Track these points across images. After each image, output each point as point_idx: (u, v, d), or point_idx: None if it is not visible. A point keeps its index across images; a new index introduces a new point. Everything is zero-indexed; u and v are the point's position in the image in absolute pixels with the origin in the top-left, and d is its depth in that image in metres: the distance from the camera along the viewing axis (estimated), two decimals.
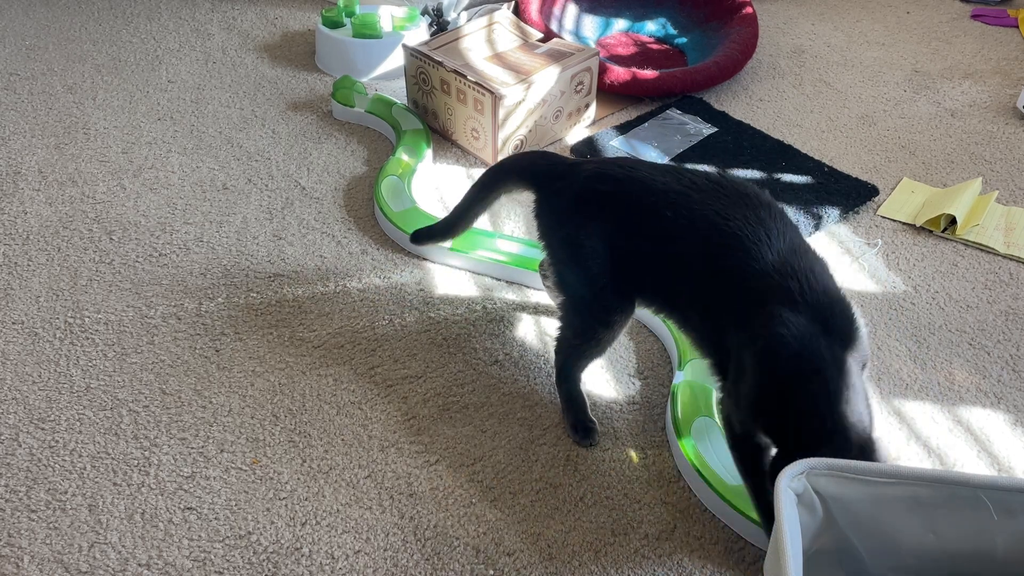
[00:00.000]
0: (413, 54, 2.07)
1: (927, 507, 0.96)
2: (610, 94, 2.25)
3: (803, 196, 1.91)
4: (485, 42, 2.13)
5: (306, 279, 1.67)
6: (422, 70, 2.06)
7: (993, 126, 2.24)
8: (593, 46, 2.47)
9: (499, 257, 1.68)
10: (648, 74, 2.23)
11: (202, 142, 2.08)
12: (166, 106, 2.22)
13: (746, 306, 1.13)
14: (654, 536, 1.24)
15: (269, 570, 1.18)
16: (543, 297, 1.64)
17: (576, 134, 2.15)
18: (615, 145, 2.07)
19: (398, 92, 2.27)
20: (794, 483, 0.95)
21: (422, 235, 1.63)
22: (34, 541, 1.20)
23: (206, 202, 1.87)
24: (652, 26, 2.65)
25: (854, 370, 1.08)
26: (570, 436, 1.37)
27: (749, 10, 2.48)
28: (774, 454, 1.12)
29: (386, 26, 2.36)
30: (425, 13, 2.50)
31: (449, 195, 1.92)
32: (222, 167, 1.99)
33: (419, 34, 2.38)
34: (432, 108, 2.10)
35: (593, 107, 2.17)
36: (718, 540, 1.23)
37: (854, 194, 1.93)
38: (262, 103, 2.24)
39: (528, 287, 1.67)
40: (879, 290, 1.70)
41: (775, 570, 0.87)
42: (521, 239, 1.75)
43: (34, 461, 1.31)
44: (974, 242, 1.81)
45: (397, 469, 1.32)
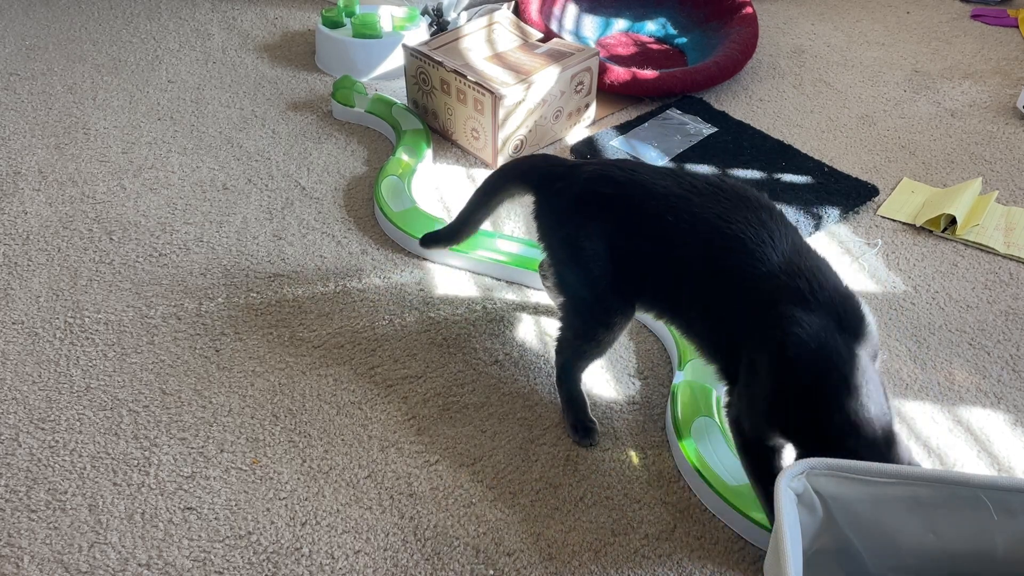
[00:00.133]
0: (413, 54, 2.07)
1: (927, 507, 0.96)
2: (610, 94, 2.25)
3: (803, 196, 1.91)
4: (485, 42, 2.13)
5: (306, 279, 1.67)
6: (422, 70, 2.06)
7: (993, 126, 2.24)
8: (593, 46, 2.47)
9: (499, 257, 1.68)
10: (648, 74, 2.23)
11: (202, 142, 2.08)
12: (166, 106, 2.22)
13: (755, 309, 1.13)
14: (654, 536, 1.24)
15: (269, 570, 1.18)
16: (543, 297, 1.64)
17: (576, 134, 2.15)
18: (615, 145, 2.07)
19: (398, 92, 2.27)
20: (794, 483, 0.95)
21: (429, 239, 1.64)
22: (34, 541, 1.20)
23: (206, 202, 1.87)
24: (652, 26, 2.65)
25: (870, 364, 1.09)
26: (570, 436, 1.37)
27: (749, 10, 2.48)
28: (796, 455, 1.12)
29: (386, 26, 2.36)
30: (425, 13, 2.50)
31: (449, 195, 1.92)
32: (222, 167, 1.99)
33: (419, 34, 2.38)
34: (432, 108, 2.10)
35: (593, 107, 2.17)
36: (718, 540, 1.23)
37: (854, 194, 1.93)
38: (262, 103, 2.24)
39: (528, 287, 1.67)
40: (879, 290, 1.70)
41: (775, 570, 0.88)
42: (521, 239, 1.75)
43: (34, 461, 1.31)
44: (974, 242, 1.81)
45: (397, 469, 1.32)
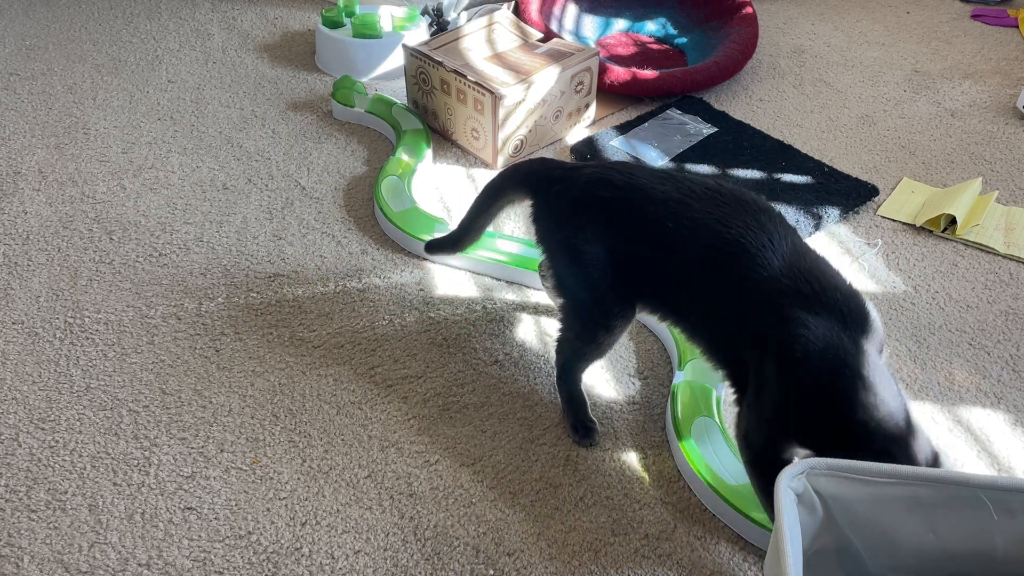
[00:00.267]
0: (413, 54, 2.07)
1: (927, 507, 0.96)
2: (610, 94, 2.25)
3: (803, 196, 1.91)
4: (485, 42, 2.13)
5: (306, 279, 1.67)
6: (422, 70, 2.07)
7: (993, 126, 2.24)
8: (593, 46, 2.47)
9: (499, 257, 1.68)
10: (648, 74, 2.23)
11: (202, 142, 2.08)
12: (166, 106, 2.22)
13: (758, 314, 1.13)
14: (654, 536, 1.24)
15: (269, 570, 1.18)
16: (543, 297, 1.64)
17: (576, 134, 2.15)
18: (615, 145, 2.07)
19: (398, 92, 2.27)
20: (794, 483, 0.95)
21: (434, 246, 1.64)
22: (34, 541, 1.20)
23: (206, 202, 1.87)
24: (652, 26, 2.65)
25: (879, 358, 1.10)
26: (570, 436, 1.37)
27: (749, 10, 2.48)
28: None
29: (386, 26, 2.36)
30: (425, 13, 2.50)
31: (449, 195, 1.92)
32: (222, 167, 1.99)
33: (419, 34, 2.38)
34: (432, 108, 2.10)
35: (593, 107, 2.17)
36: (718, 540, 1.23)
37: (854, 194, 1.93)
38: (262, 103, 2.24)
39: (528, 287, 1.67)
40: (879, 290, 1.70)
41: (775, 570, 0.87)
42: (521, 239, 1.75)
43: (34, 461, 1.31)
44: (974, 242, 1.81)
45: (397, 469, 1.32)
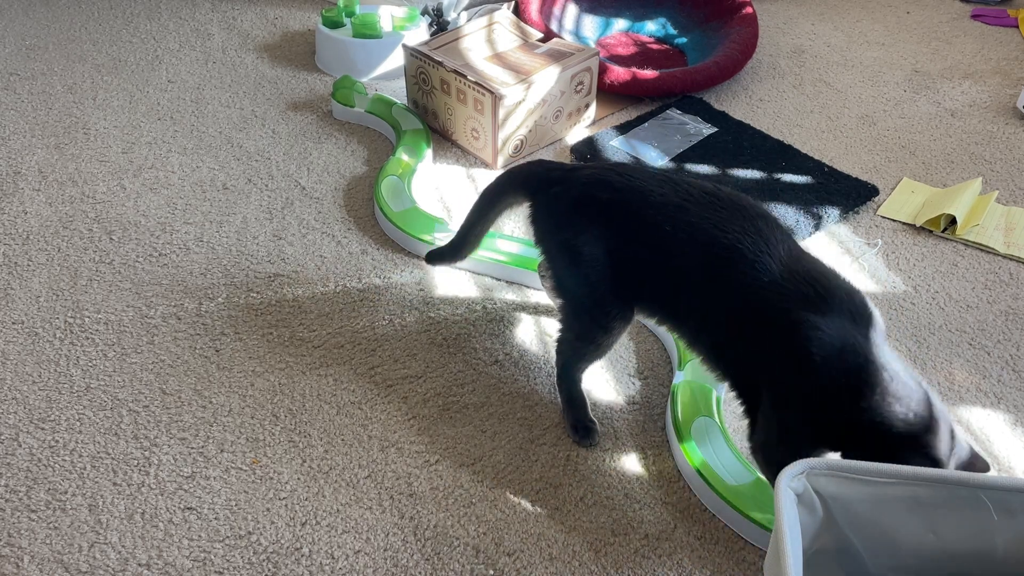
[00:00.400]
0: (413, 54, 2.07)
1: (927, 507, 0.96)
2: (610, 94, 2.25)
3: (803, 196, 1.91)
4: (485, 42, 2.13)
5: (306, 279, 1.67)
6: (422, 70, 2.07)
7: (993, 126, 2.24)
8: (593, 46, 2.47)
9: (499, 257, 1.68)
10: (648, 74, 2.23)
11: (202, 142, 2.08)
12: (166, 106, 2.22)
13: (764, 319, 1.13)
14: (654, 536, 1.24)
15: (269, 570, 1.18)
16: (543, 297, 1.64)
17: (576, 134, 2.15)
18: (615, 145, 2.07)
19: (398, 92, 2.27)
20: (794, 483, 0.95)
21: (434, 256, 1.63)
22: (34, 541, 1.20)
23: (206, 202, 1.87)
24: (652, 26, 2.65)
25: (891, 351, 1.12)
26: (570, 436, 1.37)
27: (749, 10, 2.48)
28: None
29: (386, 26, 2.36)
30: (425, 13, 2.50)
31: (449, 195, 1.92)
32: (222, 167, 1.99)
33: (419, 34, 2.38)
34: (432, 108, 2.10)
35: (593, 107, 2.17)
36: (718, 540, 1.23)
37: (854, 194, 1.93)
38: (262, 103, 2.24)
39: (528, 287, 1.67)
40: (879, 290, 1.70)
41: (775, 570, 0.87)
42: (521, 239, 1.75)
43: (34, 461, 1.31)
44: (974, 242, 1.81)
45: (397, 469, 1.32)
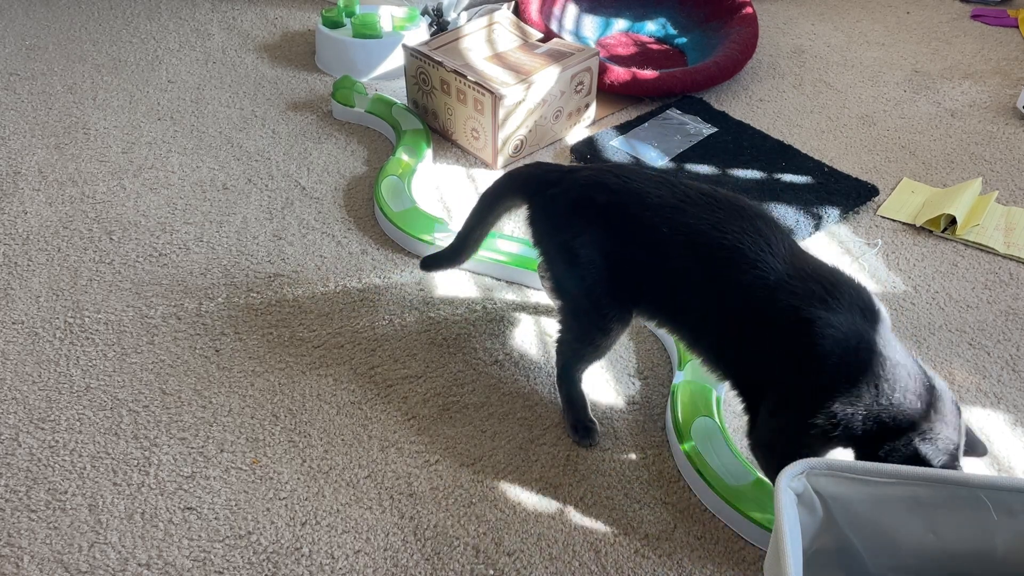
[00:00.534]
0: (413, 54, 2.07)
1: (927, 507, 0.96)
2: (610, 94, 2.25)
3: (803, 196, 1.91)
4: (485, 42, 2.13)
5: (306, 279, 1.67)
6: (422, 70, 2.06)
7: (993, 126, 2.24)
8: (593, 46, 2.47)
9: (499, 257, 1.68)
10: (648, 74, 2.23)
11: (202, 142, 2.08)
12: (166, 106, 2.22)
13: (771, 318, 1.13)
14: (654, 536, 1.24)
15: (269, 570, 1.18)
16: (543, 297, 1.64)
17: (576, 134, 2.15)
18: (615, 145, 2.07)
19: (398, 92, 2.27)
20: (794, 483, 0.95)
21: (431, 263, 1.62)
22: (34, 541, 1.20)
23: (206, 202, 1.87)
24: (652, 26, 2.65)
25: (900, 345, 1.15)
26: (570, 436, 1.37)
27: (749, 10, 2.48)
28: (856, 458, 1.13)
29: (386, 26, 2.36)
30: (425, 13, 2.50)
31: (449, 195, 1.92)
32: (222, 167, 1.99)
33: (419, 34, 2.38)
34: (432, 108, 2.10)
35: (593, 107, 2.17)
36: (718, 540, 1.23)
37: (854, 194, 1.93)
38: (262, 103, 2.24)
39: (528, 287, 1.67)
40: (879, 290, 1.70)
41: (775, 570, 0.87)
42: (521, 239, 1.75)
43: (34, 461, 1.31)
44: (974, 242, 1.81)
45: (397, 469, 1.32)
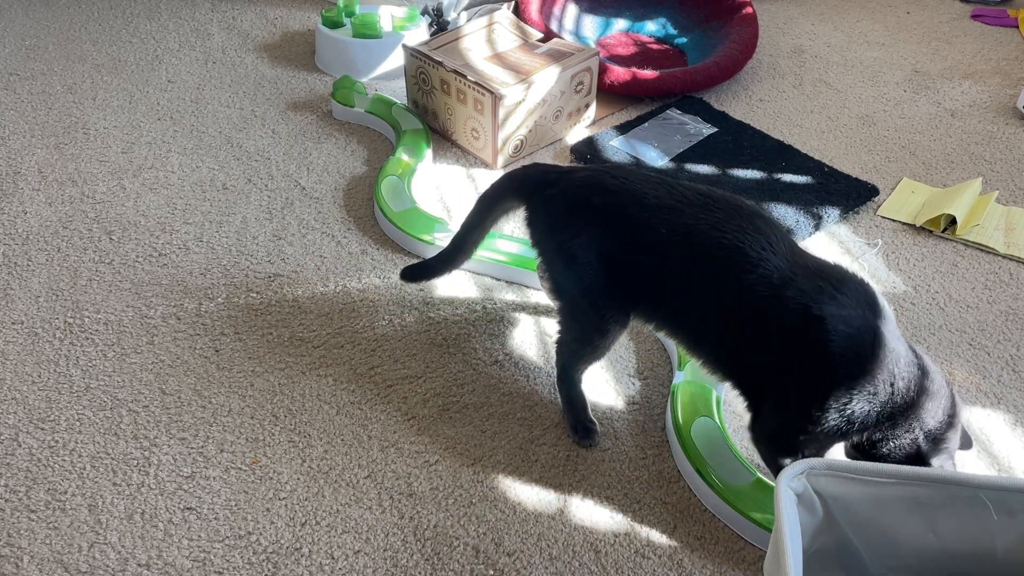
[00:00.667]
0: (413, 54, 2.07)
1: (927, 507, 0.96)
2: (610, 94, 2.25)
3: (803, 196, 1.91)
4: (485, 42, 2.13)
5: (306, 279, 1.67)
6: (422, 70, 2.06)
7: (993, 126, 2.24)
8: (593, 46, 2.47)
9: (499, 257, 1.68)
10: (648, 74, 2.23)
11: (202, 142, 2.08)
12: (166, 106, 2.22)
13: (778, 314, 1.13)
14: (654, 536, 1.24)
15: (269, 570, 1.18)
16: (543, 297, 1.64)
17: (576, 134, 2.15)
18: (615, 145, 2.07)
19: (398, 92, 2.27)
20: (794, 483, 0.95)
21: (417, 272, 1.58)
22: (34, 541, 1.20)
23: (206, 202, 1.87)
24: (652, 26, 2.65)
25: (905, 342, 1.17)
26: (570, 436, 1.37)
27: (749, 10, 2.48)
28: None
29: (386, 26, 2.36)
30: (425, 13, 2.50)
31: (449, 195, 1.92)
32: (222, 167, 1.99)
33: (419, 34, 2.38)
34: (432, 108, 2.10)
35: (593, 107, 2.17)
36: (718, 540, 1.23)
37: (854, 194, 1.93)
38: (262, 103, 2.24)
39: (528, 287, 1.67)
40: (879, 290, 1.69)
41: (775, 570, 0.87)
42: (521, 239, 1.75)
43: (34, 461, 1.31)
44: (974, 242, 1.81)
45: (397, 469, 1.32)
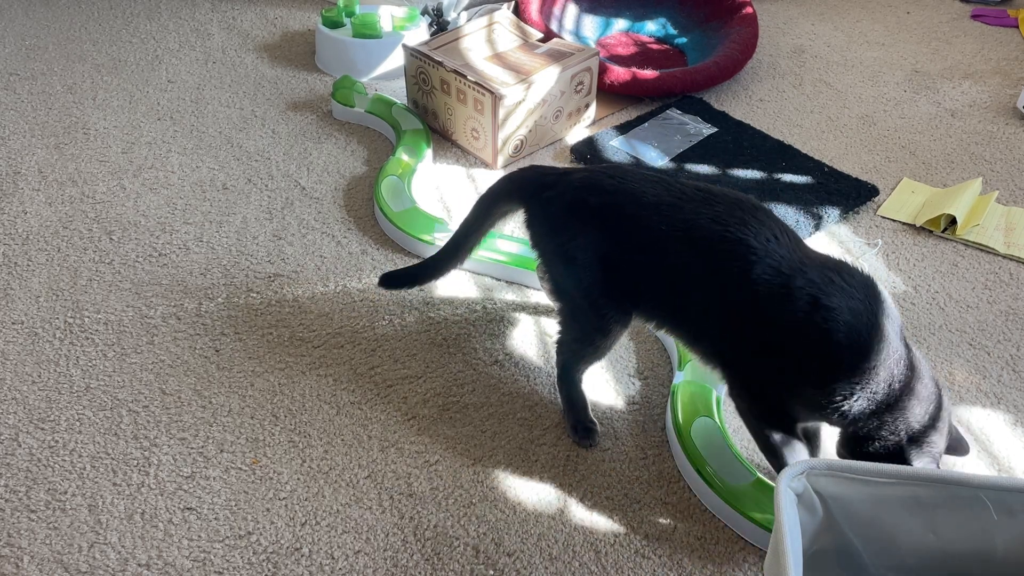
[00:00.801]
0: (413, 54, 2.07)
1: (927, 507, 0.96)
2: (610, 94, 2.25)
3: (803, 196, 1.91)
4: (485, 42, 2.13)
5: (306, 279, 1.67)
6: (422, 70, 2.06)
7: (993, 126, 2.24)
8: (593, 46, 2.47)
9: (499, 257, 1.68)
10: (648, 74, 2.23)
11: (202, 142, 2.08)
12: (166, 106, 2.22)
13: (784, 308, 1.13)
14: (654, 536, 1.24)
15: (269, 570, 1.18)
16: (543, 297, 1.64)
17: (576, 134, 2.15)
18: (615, 145, 2.07)
19: (398, 92, 2.27)
20: (794, 483, 0.95)
21: (392, 278, 1.55)
22: (34, 541, 1.20)
23: (206, 202, 1.87)
24: (652, 26, 2.65)
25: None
26: (570, 436, 1.37)
27: (749, 10, 2.48)
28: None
29: (386, 26, 2.36)
30: (425, 13, 2.50)
31: (449, 195, 1.92)
32: (222, 167, 1.99)
33: (419, 34, 2.38)
34: (432, 108, 2.10)
35: (593, 107, 2.17)
36: (718, 540, 1.23)
37: (854, 194, 1.93)
38: (262, 103, 2.24)
39: (528, 287, 1.67)
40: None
41: (775, 570, 0.87)
42: (521, 239, 1.75)
43: (34, 461, 1.31)
44: (974, 242, 1.81)
45: (397, 469, 1.32)
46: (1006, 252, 1.79)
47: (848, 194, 1.92)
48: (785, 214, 1.83)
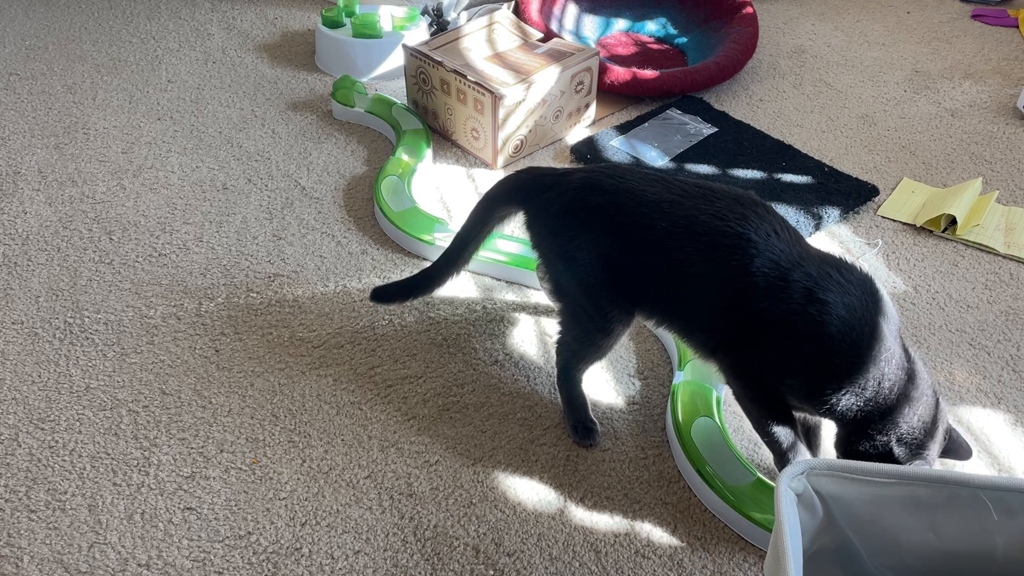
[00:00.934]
0: (413, 54, 2.07)
1: (927, 507, 0.96)
2: (610, 94, 2.25)
3: (803, 196, 1.91)
4: (485, 42, 2.13)
5: (306, 279, 1.67)
6: (422, 70, 2.06)
7: (993, 126, 2.24)
8: (593, 46, 2.47)
9: (499, 257, 1.68)
10: (648, 74, 2.23)
11: (202, 142, 2.08)
12: (166, 106, 2.22)
13: (783, 302, 1.14)
14: (654, 536, 1.24)
15: (269, 570, 1.18)
16: (543, 297, 1.64)
17: (576, 134, 2.15)
18: (615, 145, 2.07)
19: (398, 92, 2.27)
20: (794, 483, 0.95)
21: (385, 292, 1.53)
22: (34, 541, 1.20)
23: (206, 202, 1.87)
24: (652, 26, 2.65)
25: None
26: (570, 436, 1.37)
27: (749, 10, 2.48)
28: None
29: (386, 26, 2.36)
30: (425, 13, 2.50)
31: (449, 195, 1.92)
32: (222, 167, 1.99)
33: (419, 34, 2.38)
34: (432, 108, 2.10)
35: (593, 107, 2.17)
36: (718, 540, 1.23)
37: (854, 194, 1.93)
38: (262, 103, 2.24)
39: (528, 287, 1.67)
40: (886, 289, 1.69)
41: (775, 570, 0.87)
42: (521, 239, 1.75)
43: (34, 461, 1.31)
44: (974, 242, 1.81)
45: (397, 469, 1.32)
46: (1006, 252, 1.79)
47: (848, 194, 1.92)
48: (785, 214, 1.83)
